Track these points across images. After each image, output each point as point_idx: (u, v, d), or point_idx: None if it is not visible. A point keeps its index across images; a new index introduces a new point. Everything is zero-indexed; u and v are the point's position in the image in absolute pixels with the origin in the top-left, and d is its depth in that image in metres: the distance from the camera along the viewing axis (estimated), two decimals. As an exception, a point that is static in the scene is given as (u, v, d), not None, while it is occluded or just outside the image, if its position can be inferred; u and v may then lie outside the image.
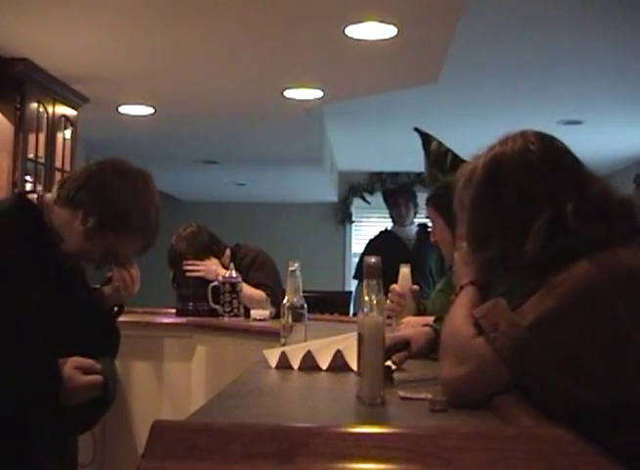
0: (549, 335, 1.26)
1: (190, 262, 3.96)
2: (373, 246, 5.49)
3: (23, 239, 1.94)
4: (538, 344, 1.26)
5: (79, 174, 2.02)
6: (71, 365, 1.83)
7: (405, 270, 2.67)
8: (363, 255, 5.46)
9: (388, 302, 2.68)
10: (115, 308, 2.19)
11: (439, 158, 2.65)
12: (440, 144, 2.69)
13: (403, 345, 1.72)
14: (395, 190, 5.98)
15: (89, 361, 1.88)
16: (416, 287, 2.67)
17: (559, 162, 1.43)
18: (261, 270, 4.03)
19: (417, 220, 5.56)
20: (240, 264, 3.99)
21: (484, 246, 1.43)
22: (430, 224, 2.64)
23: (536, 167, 1.41)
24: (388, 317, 2.71)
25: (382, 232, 5.66)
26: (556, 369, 1.25)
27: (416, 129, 2.81)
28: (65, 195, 1.98)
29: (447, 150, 2.66)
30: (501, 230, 1.40)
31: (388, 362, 1.68)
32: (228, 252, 4.09)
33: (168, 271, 4.12)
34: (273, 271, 4.05)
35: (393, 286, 2.67)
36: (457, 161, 2.53)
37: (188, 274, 3.95)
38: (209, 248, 4.04)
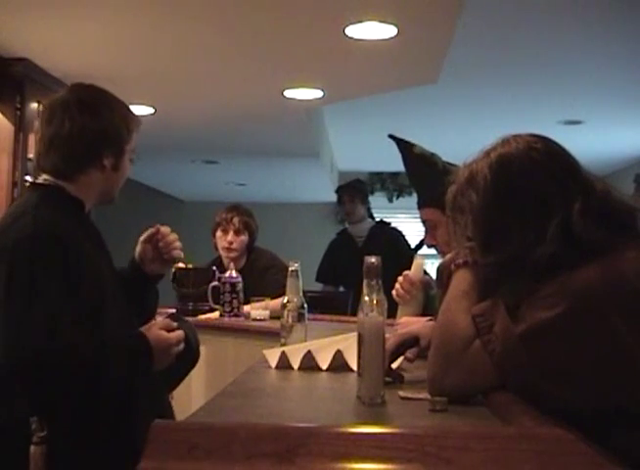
0: (539, 346, 1.26)
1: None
2: (330, 247, 5.46)
3: (68, 220, 1.90)
4: (527, 354, 1.26)
5: (63, 142, 1.92)
6: (155, 328, 1.87)
7: (420, 261, 2.57)
8: (324, 257, 5.44)
9: (397, 287, 2.53)
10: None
11: (428, 160, 2.51)
12: (423, 148, 2.57)
13: (412, 341, 1.71)
14: (340, 187, 5.69)
15: (166, 320, 1.93)
16: (428, 278, 2.56)
17: (563, 160, 1.42)
18: (282, 272, 4.01)
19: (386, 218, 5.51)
20: (252, 267, 3.96)
21: (498, 247, 1.37)
22: (424, 227, 2.52)
23: (546, 166, 1.39)
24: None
25: (339, 232, 5.59)
26: (541, 378, 1.25)
27: (391, 136, 2.68)
28: (68, 167, 1.93)
29: (432, 153, 2.55)
30: (519, 230, 1.35)
31: (397, 363, 1.67)
32: (246, 238, 4.08)
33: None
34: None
35: (406, 272, 2.54)
36: (447, 164, 2.45)
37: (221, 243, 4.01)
38: (254, 229, 4.06)
